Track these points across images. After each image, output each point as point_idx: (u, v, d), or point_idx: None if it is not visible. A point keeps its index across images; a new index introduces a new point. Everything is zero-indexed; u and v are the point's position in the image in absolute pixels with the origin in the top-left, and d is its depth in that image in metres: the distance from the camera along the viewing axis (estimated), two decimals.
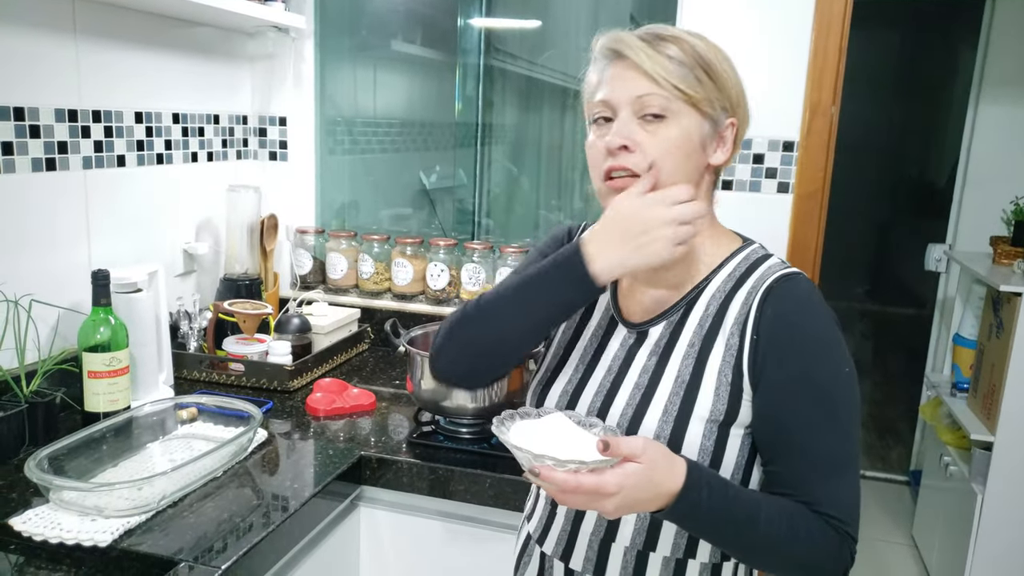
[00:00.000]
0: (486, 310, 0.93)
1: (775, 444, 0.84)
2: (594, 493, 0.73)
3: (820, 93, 1.57)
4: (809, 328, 0.84)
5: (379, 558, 1.37)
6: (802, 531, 0.80)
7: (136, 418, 1.29)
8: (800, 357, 0.83)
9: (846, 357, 0.85)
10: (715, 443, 0.84)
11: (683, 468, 0.77)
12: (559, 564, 0.93)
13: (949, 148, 3.30)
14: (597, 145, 0.89)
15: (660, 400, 0.86)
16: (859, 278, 3.79)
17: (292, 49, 1.98)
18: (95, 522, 1.01)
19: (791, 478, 0.83)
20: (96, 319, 1.30)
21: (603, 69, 0.89)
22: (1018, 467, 2.28)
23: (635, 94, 0.85)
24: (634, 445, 0.75)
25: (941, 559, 2.67)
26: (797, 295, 0.85)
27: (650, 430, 0.85)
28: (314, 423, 1.45)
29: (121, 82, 1.57)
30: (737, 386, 0.84)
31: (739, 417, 0.85)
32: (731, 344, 0.85)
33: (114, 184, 1.57)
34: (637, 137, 0.85)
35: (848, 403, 0.84)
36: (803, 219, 1.63)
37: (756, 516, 0.79)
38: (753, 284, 0.87)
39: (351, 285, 2.01)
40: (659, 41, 0.86)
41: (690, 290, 0.91)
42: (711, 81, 0.86)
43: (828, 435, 0.83)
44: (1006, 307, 2.31)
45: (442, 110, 2.22)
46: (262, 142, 2.04)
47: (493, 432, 0.80)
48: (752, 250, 0.93)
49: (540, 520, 0.97)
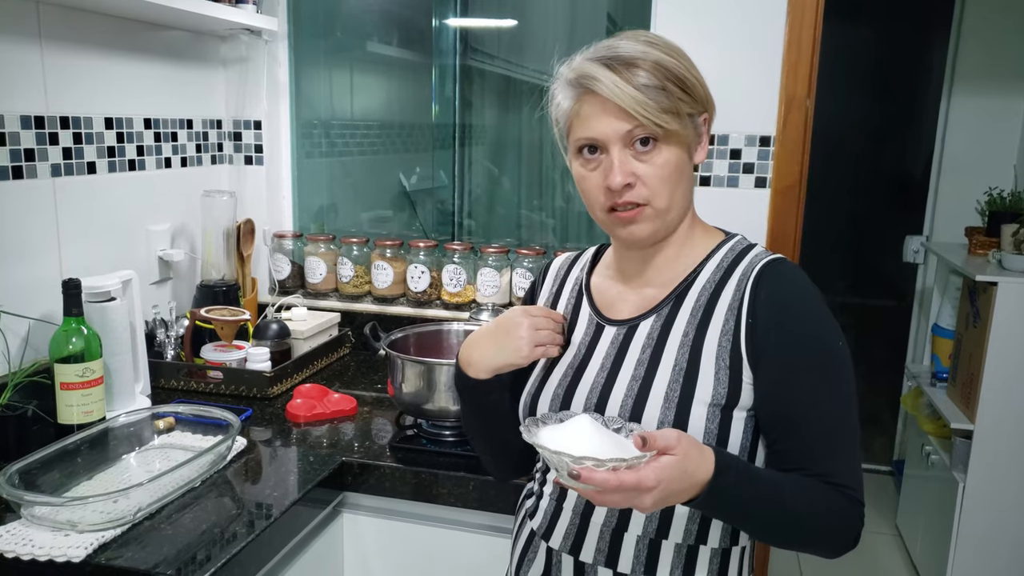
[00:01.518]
0: (467, 429, 1.10)
1: (780, 423, 0.86)
2: (634, 489, 0.72)
3: (795, 86, 1.58)
4: (804, 307, 0.87)
5: (363, 564, 1.35)
6: (821, 505, 0.83)
7: (111, 429, 1.27)
8: (798, 336, 0.85)
9: (839, 332, 0.87)
10: (719, 426, 0.85)
11: (712, 456, 0.78)
12: (568, 558, 0.92)
13: (924, 141, 3.33)
14: (592, 180, 0.89)
15: (660, 388, 0.87)
16: (839, 271, 3.82)
17: (265, 52, 1.96)
18: (68, 537, 0.98)
19: (800, 454, 0.85)
20: (68, 329, 1.27)
21: (576, 98, 0.89)
22: (998, 454, 2.31)
23: (623, 130, 0.86)
24: (669, 437, 0.74)
25: (925, 548, 2.69)
26: (788, 277, 0.88)
27: (653, 417, 0.85)
28: (295, 430, 1.43)
29: (89, 87, 1.54)
30: (736, 370, 0.86)
31: (740, 400, 0.86)
32: (727, 329, 0.87)
33: (85, 191, 1.54)
34: (637, 171, 0.87)
35: (846, 375, 0.87)
36: (781, 213, 1.63)
37: (781, 495, 0.81)
38: (743, 271, 0.90)
39: (331, 289, 1.99)
40: (626, 68, 0.85)
41: (679, 284, 0.92)
42: (685, 94, 0.87)
43: (832, 408, 0.85)
44: (982, 297, 2.33)
45: (420, 111, 2.21)
46: (237, 146, 2.02)
47: (524, 440, 0.79)
48: (736, 241, 0.95)
49: (545, 515, 0.96)
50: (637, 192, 0.87)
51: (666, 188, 0.88)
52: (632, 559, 0.89)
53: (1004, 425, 2.29)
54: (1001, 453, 2.31)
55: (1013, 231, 2.37)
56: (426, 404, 1.34)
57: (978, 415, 2.31)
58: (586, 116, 0.88)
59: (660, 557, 0.89)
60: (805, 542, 0.87)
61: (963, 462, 2.37)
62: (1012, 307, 2.23)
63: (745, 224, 1.00)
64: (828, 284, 3.90)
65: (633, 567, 0.89)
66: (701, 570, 0.89)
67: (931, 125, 3.23)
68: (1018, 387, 2.26)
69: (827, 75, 1.80)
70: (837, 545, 0.86)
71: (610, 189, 0.87)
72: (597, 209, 0.91)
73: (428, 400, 1.34)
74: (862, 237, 3.78)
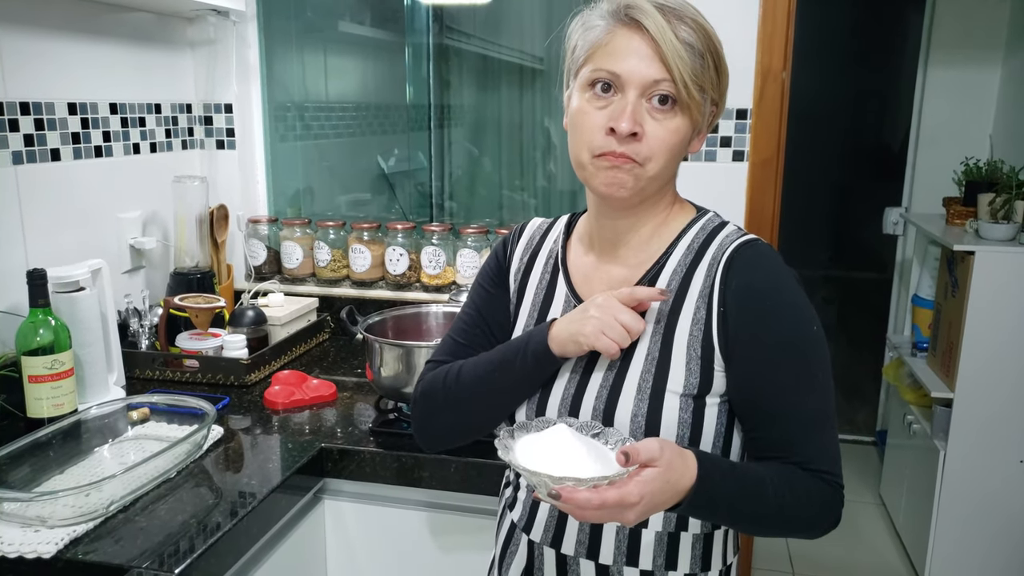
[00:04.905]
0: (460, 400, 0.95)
1: (758, 412, 0.85)
2: (617, 506, 0.71)
3: (771, 59, 1.56)
4: (776, 294, 0.84)
5: (346, 550, 1.34)
6: (802, 493, 0.82)
7: (83, 422, 1.24)
8: (772, 325, 0.83)
9: (813, 316, 0.85)
10: (692, 415, 0.84)
11: (694, 461, 0.76)
12: (550, 551, 0.91)
13: (902, 112, 3.33)
14: (594, 117, 0.83)
15: (633, 379, 0.85)
16: (820, 244, 3.84)
17: (234, 33, 1.91)
18: (39, 533, 0.96)
19: (778, 442, 0.84)
20: (35, 321, 1.24)
21: (610, 29, 0.83)
22: (977, 421, 2.34)
23: (651, 78, 0.81)
24: (652, 449, 0.72)
25: (907, 515, 2.73)
26: (760, 263, 0.85)
27: (627, 410, 0.84)
28: (273, 417, 1.41)
29: (50, 72, 1.50)
30: (708, 359, 0.84)
31: (713, 388, 0.84)
32: (698, 318, 0.85)
33: (49, 179, 1.50)
34: (647, 126, 0.82)
35: (822, 360, 0.85)
36: (759, 186, 1.62)
37: (764, 491, 0.80)
38: (713, 255, 0.87)
39: (308, 274, 1.96)
40: (676, 19, 0.81)
41: (650, 267, 0.90)
42: (716, 73, 0.84)
43: (809, 396, 0.84)
44: (960, 266, 2.35)
45: (396, 92, 2.17)
46: (208, 131, 1.97)
47: (500, 457, 0.76)
48: (708, 219, 0.92)
49: (524, 508, 0.95)
50: (638, 148, 0.82)
51: (664, 156, 0.83)
52: (613, 550, 0.88)
53: (983, 392, 2.32)
54: (980, 420, 2.34)
55: (989, 200, 2.38)
56: (405, 387, 1.33)
57: (957, 383, 2.33)
58: (616, 49, 0.82)
59: (641, 546, 0.88)
60: (788, 530, 0.86)
61: (944, 430, 2.40)
62: (989, 276, 2.25)
63: (724, 198, 0.99)
64: (809, 257, 3.92)
65: (615, 558, 0.88)
66: (684, 557, 0.88)
67: (908, 96, 3.24)
68: (996, 355, 2.29)
69: (804, 48, 1.79)
70: (819, 528, 0.85)
71: (614, 132, 0.81)
72: (586, 150, 0.84)
73: (407, 383, 1.32)
74: (842, 210, 3.80)
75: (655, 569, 0.88)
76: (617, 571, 0.88)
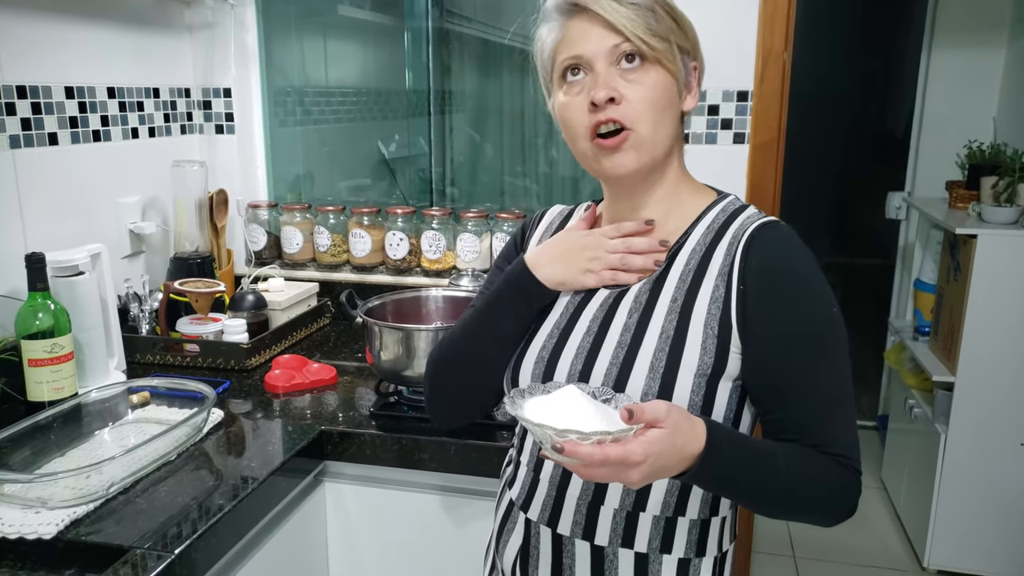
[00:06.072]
0: (454, 355, 0.99)
1: (774, 392, 0.84)
2: (621, 464, 0.69)
3: (772, 40, 1.55)
4: (796, 275, 0.84)
5: (346, 531, 1.35)
6: (816, 474, 0.81)
7: (84, 405, 1.25)
8: (792, 305, 0.83)
9: (832, 297, 0.85)
10: (704, 397, 0.83)
11: (703, 428, 0.75)
12: (546, 530, 0.91)
13: (906, 96, 3.31)
14: (575, 103, 0.86)
15: (646, 356, 0.84)
16: (823, 230, 3.82)
17: (232, 17, 1.90)
18: (39, 514, 0.97)
19: (795, 424, 0.83)
20: (34, 305, 1.24)
21: (562, 25, 0.86)
22: (978, 405, 2.34)
23: (608, 45, 0.83)
24: (658, 409, 0.71)
25: (908, 499, 2.74)
26: (780, 243, 0.85)
27: (638, 387, 0.83)
28: (274, 401, 1.42)
29: (47, 56, 1.49)
30: (725, 338, 0.83)
31: (727, 369, 0.84)
32: (716, 296, 0.84)
33: (47, 163, 1.50)
34: (621, 89, 0.83)
35: (840, 342, 0.85)
36: (760, 168, 1.61)
37: (775, 467, 0.79)
38: (734, 234, 0.86)
39: (308, 259, 1.96)
40: None
41: (670, 246, 0.90)
42: (674, 22, 0.85)
43: (827, 377, 0.83)
44: (962, 250, 2.34)
45: (397, 77, 2.16)
46: (207, 115, 1.97)
47: (508, 411, 0.76)
48: (729, 202, 0.92)
49: (523, 486, 0.95)
50: (620, 111, 0.83)
51: (650, 111, 0.84)
52: (609, 531, 0.88)
53: (984, 376, 2.31)
54: (981, 404, 2.33)
55: (993, 183, 2.36)
56: (405, 371, 1.33)
57: (959, 367, 2.33)
58: (572, 36, 0.85)
59: (638, 529, 0.87)
60: (801, 513, 0.85)
61: (945, 414, 2.40)
62: (991, 259, 2.24)
63: (725, 180, 0.98)
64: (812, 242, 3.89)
65: (611, 539, 0.88)
66: (680, 541, 0.88)
67: (912, 80, 3.21)
68: (997, 338, 2.28)
69: (806, 30, 1.77)
70: (834, 515, 0.84)
71: (593, 104, 0.83)
72: (580, 137, 0.86)
73: (407, 367, 1.32)
74: (845, 194, 3.78)
75: (650, 552, 0.87)
76: (612, 553, 0.88)
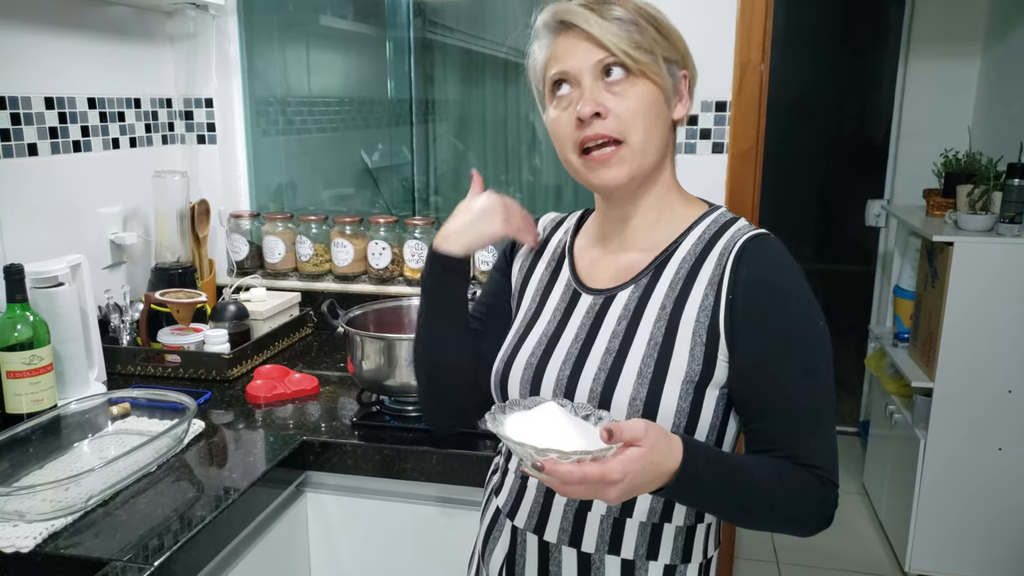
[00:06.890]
0: (416, 344, 1.03)
1: (757, 402, 0.85)
2: (599, 482, 0.70)
3: (749, 51, 1.57)
4: (786, 287, 0.85)
5: (328, 541, 1.35)
6: (793, 487, 0.82)
7: (63, 417, 1.24)
8: (779, 317, 0.84)
9: (819, 311, 0.86)
10: (691, 404, 0.84)
11: (679, 445, 0.76)
12: (532, 537, 0.92)
13: (883, 104, 3.36)
14: (563, 117, 0.87)
15: (634, 363, 0.85)
16: (804, 237, 3.86)
17: (214, 27, 1.90)
18: (17, 528, 0.96)
19: (775, 435, 0.84)
20: (12, 316, 1.24)
21: (551, 43, 0.89)
22: (957, 410, 2.37)
23: (593, 60, 0.85)
24: (636, 428, 0.72)
25: (890, 504, 2.76)
26: (770, 255, 0.86)
27: (626, 393, 0.84)
28: (256, 411, 1.41)
29: (26, 66, 1.48)
30: (712, 347, 0.84)
31: (715, 377, 0.85)
32: (705, 305, 0.85)
33: (26, 174, 1.49)
34: (607, 103, 0.84)
35: (825, 356, 0.86)
36: (739, 177, 1.64)
37: (751, 480, 0.80)
38: (725, 245, 0.88)
39: (290, 269, 1.96)
40: (603, 6, 0.86)
41: (660, 254, 0.91)
42: (659, 34, 0.87)
43: (809, 390, 0.84)
44: (939, 257, 2.37)
45: (379, 87, 2.16)
46: (189, 125, 1.97)
47: (488, 428, 0.76)
48: (720, 213, 0.93)
49: (510, 494, 0.96)
50: (608, 124, 0.84)
51: (640, 122, 0.85)
52: (596, 538, 0.88)
53: (962, 382, 2.34)
54: (960, 409, 2.36)
55: (968, 191, 2.40)
56: (387, 380, 1.33)
57: (937, 372, 2.36)
58: (560, 52, 0.87)
59: (624, 536, 0.88)
60: (778, 524, 0.86)
61: (924, 420, 2.43)
62: (968, 266, 2.28)
63: (704, 190, 0.99)
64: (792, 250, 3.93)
65: (597, 546, 0.88)
66: (666, 548, 0.89)
67: (890, 89, 3.26)
68: (975, 344, 2.31)
69: (784, 41, 1.80)
70: (810, 526, 0.85)
71: (579, 120, 0.85)
72: (569, 151, 0.88)
73: (389, 376, 1.33)
74: (825, 203, 3.82)
75: (636, 559, 0.88)
76: (599, 559, 0.88)
